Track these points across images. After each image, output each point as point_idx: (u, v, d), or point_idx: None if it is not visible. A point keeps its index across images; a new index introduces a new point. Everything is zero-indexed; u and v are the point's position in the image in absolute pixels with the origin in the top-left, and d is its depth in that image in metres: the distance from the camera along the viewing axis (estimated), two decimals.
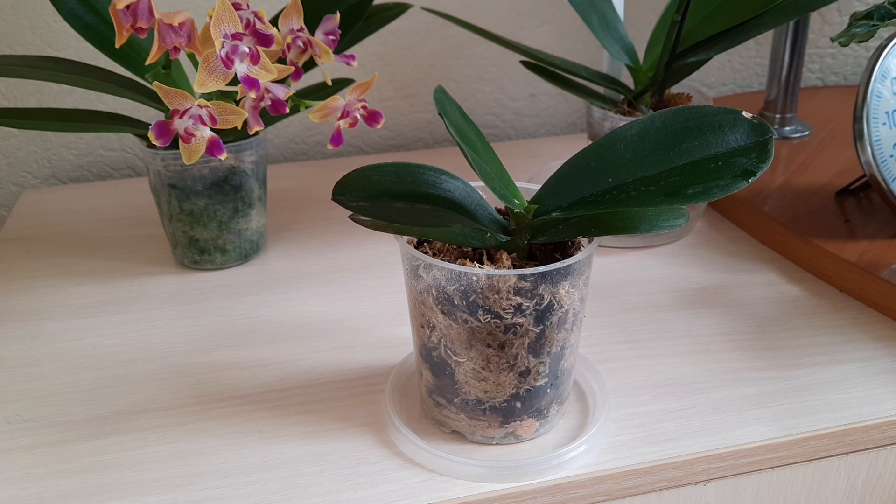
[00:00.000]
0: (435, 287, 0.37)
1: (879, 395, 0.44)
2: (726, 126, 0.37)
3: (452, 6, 0.82)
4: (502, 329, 0.36)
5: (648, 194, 0.36)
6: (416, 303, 0.39)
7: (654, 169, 0.37)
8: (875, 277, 0.52)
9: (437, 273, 0.36)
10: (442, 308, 0.37)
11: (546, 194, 0.39)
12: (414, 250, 0.37)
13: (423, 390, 0.42)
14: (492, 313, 0.36)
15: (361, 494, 0.38)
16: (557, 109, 0.90)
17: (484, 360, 0.37)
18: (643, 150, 0.38)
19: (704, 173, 0.36)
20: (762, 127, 0.36)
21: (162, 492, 0.38)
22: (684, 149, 0.37)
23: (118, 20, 0.45)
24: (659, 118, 0.38)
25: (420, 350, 0.40)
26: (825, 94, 0.88)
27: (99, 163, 0.81)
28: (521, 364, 0.37)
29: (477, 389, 0.38)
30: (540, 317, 0.36)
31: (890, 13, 0.54)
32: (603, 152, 0.39)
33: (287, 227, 0.66)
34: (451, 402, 0.39)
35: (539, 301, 0.36)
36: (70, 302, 0.55)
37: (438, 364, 0.39)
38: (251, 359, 0.49)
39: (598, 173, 0.38)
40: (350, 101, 0.51)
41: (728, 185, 0.34)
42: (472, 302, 0.36)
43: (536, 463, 0.39)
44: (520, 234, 0.38)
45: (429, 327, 0.38)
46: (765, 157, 0.35)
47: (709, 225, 0.65)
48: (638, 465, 0.40)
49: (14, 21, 0.75)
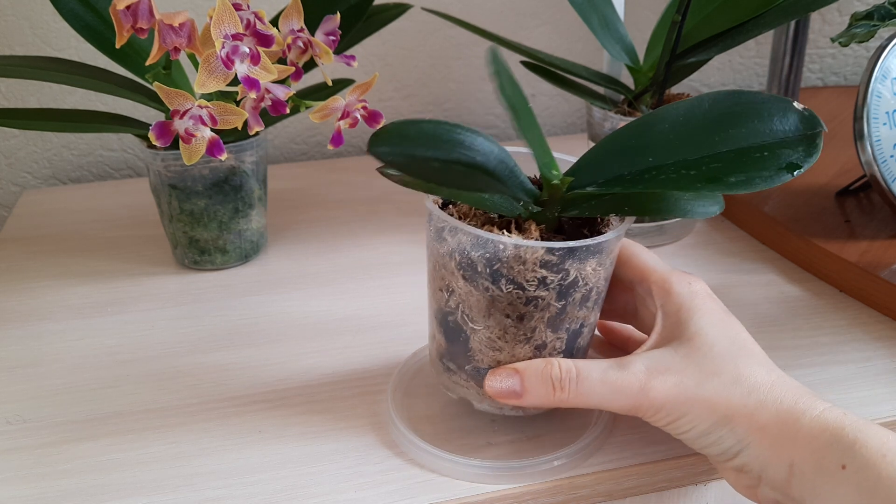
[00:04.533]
0: (459, 251, 0.36)
1: (880, 395, 0.44)
2: (775, 115, 0.36)
3: (452, 6, 0.82)
4: (523, 301, 0.36)
5: (689, 178, 0.35)
6: (437, 265, 0.38)
7: (696, 153, 0.36)
8: (875, 277, 0.52)
9: (462, 238, 0.36)
10: (464, 273, 0.36)
11: (582, 168, 0.38)
12: (442, 212, 0.36)
13: (433, 353, 0.41)
14: (515, 284, 0.35)
15: (362, 495, 0.38)
16: (557, 109, 0.90)
17: (501, 329, 0.36)
18: (687, 132, 0.37)
19: (748, 162, 0.35)
20: (812, 119, 0.35)
21: (162, 492, 0.38)
22: (730, 135, 0.36)
23: (118, 20, 0.45)
24: (707, 99, 0.37)
25: (435, 313, 0.39)
26: (825, 94, 0.88)
27: (99, 163, 0.81)
28: (538, 338, 0.37)
29: (490, 359, 0.37)
30: (563, 292, 0.36)
31: (890, 13, 0.54)
32: (645, 131, 0.38)
33: (287, 227, 0.66)
34: (462, 368, 0.39)
35: (564, 276, 0.35)
36: (70, 302, 0.55)
37: (453, 329, 0.38)
38: (251, 359, 0.49)
39: (637, 152, 0.37)
40: (350, 101, 0.51)
41: (772, 178, 0.34)
42: (495, 270, 0.35)
43: (538, 464, 0.39)
44: (551, 205, 0.37)
45: (447, 291, 0.37)
46: (812, 152, 0.34)
47: (709, 225, 0.65)
48: (638, 465, 0.40)
49: (14, 21, 0.75)
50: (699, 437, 0.35)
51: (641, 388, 0.35)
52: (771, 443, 0.34)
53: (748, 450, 0.34)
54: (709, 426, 0.35)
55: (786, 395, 0.34)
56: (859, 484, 0.31)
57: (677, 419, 0.35)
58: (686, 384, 0.35)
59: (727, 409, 0.34)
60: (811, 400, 0.34)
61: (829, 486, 0.32)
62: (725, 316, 0.38)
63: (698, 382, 0.35)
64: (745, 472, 0.35)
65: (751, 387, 0.35)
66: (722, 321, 0.37)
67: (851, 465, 0.31)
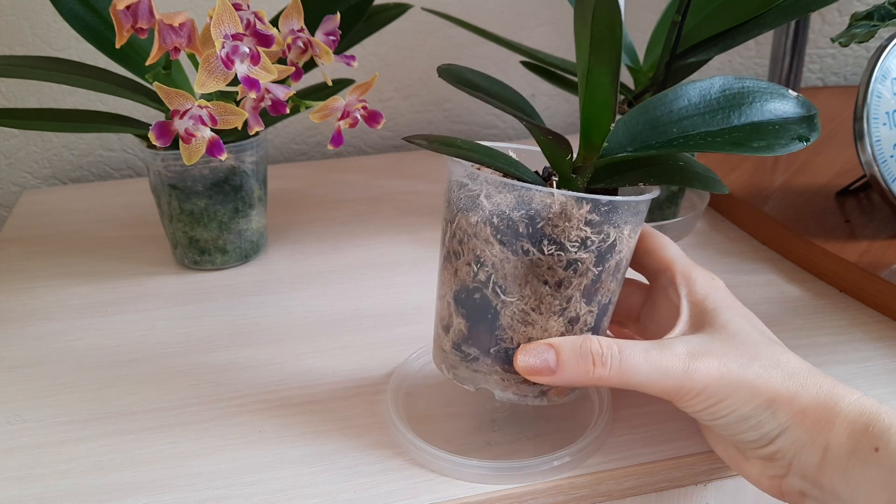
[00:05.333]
0: (497, 214, 0.36)
1: (880, 395, 0.44)
2: (777, 98, 0.40)
3: (452, 6, 0.82)
4: (563, 264, 0.36)
5: (715, 143, 0.38)
6: (467, 237, 0.37)
7: (716, 126, 0.39)
8: (875, 277, 0.52)
9: (502, 199, 0.35)
10: (502, 238, 0.36)
11: (612, 137, 0.40)
12: (482, 172, 0.36)
13: (446, 345, 0.40)
14: (557, 244, 0.35)
15: (362, 495, 0.38)
16: (557, 109, 0.90)
17: (537, 299, 0.36)
18: (705, 108, 0.40)
19: (765, 133, 0.38)
20: (807, 103, 0.40)
21: (162, 492, 0.38)
22: (743, 111, 0.40)
23: (118, 21, 0.45)
24: (717, 82, 0.41)
25: (456, 295, 0.38)
26: (825, 95, 0.88)
27: (99, 163, 0.81)
28: (573, 309, 0.37)
29: (520, 335, 0.37)
30: (601, 256, 0.36)
31: (890, 13, 0.54)
32: (667, 104, 0.40)
33: (287, 227, 0.66)
34: (487, 351, 0.38)
35: (605, 238, 0.36)
36: (70, 302, 0.55)
37: (479, 307, 0.37)
38: (251, 359, 0.49)
39: (662, 123, 0.40)
40: (350, 101, 0.51)
41: (787, 145, 0.37)
42: (539, 230, 0.35)
43: (538, 464, 0.38)
44: (584, 172, 0.39)
45: (477, 264, 0.37)
46: (814, 128, 0.38)
47: (709, 225, 0.65)
48: (638, 465, 0.40)
49: (14, 21, 0.75)
50: (737, 421, 0.35)
51: (685, 369, 0.35)
52: (810, 426, 0.34)
53: (786, 434, 0.34)
54: (750, 410, 0.35)
55: (824, 381, 0.35)
56: (891, 466, 0.31)
57: (717, 403, 0.35)
58: (730, 367, 0.35)
59: (770, 392, 0.34)
60: (846, 387, 0.35)
61: (860, 469, 0.32)
62: (747, 311, 0.39)
63: (741, 365, 0.35)
64: (775, 461, 0.35)
65: (791, 371, 0.35)
66: (746, 315, 0.38)
67: (885, 448, 0.32)
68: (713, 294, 0.38)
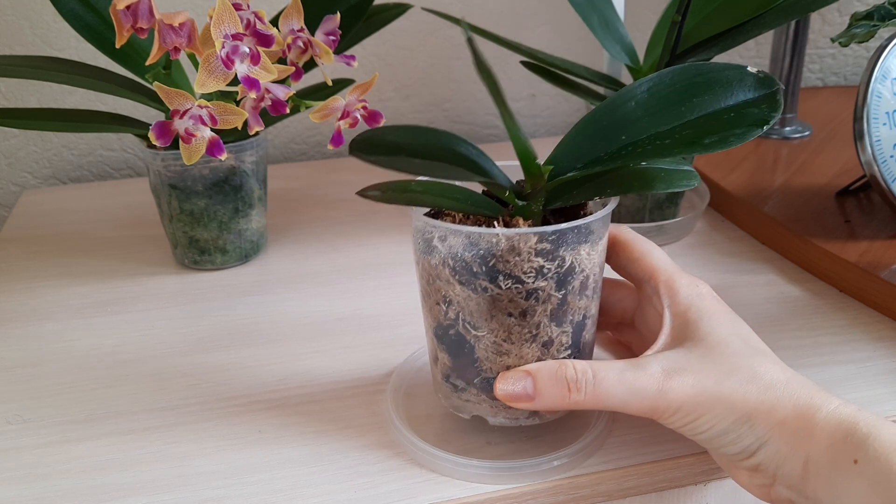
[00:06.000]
0: (451, 256, 0.36)
1: (880, 395, 0.44)
2: (734, 80, 0.37)
3: (452, 6, 0.82)
4: (523, 295, 0.35)
5: (665, 147, 0.36)
6: (431, 278, 0.37)
7: (667, 124, 0.37)
8: (875, 277, 0.52)
9: (453, 241, 0.35)
10: (459, 278, 0.36)
11: (560, 156, 0.39)
12: (430, 219, 0.36)
13: (438, 377, 0.40)
14: (513, 278, 0.35)
15: (361, 495, 0.38)
16: (557, 109, 0.90)
17: (505, 331, 0.36)
18: (654, 107, 0.38)
19: (719, 124, 0.36)
20: (769, 80, 0.37)
21: (162, 492, 0.38)
22: (695, 103, 0.37)
23: (118, 20, 0.45)
24: (667, 75, 0.38)
25: (435, 331, 0.39)
26: (825, 95, 0.89)
27: (99, 163, 0.81)
28: (544, 334, 0.37)
29: (498, 365, 0.37)
30: (562, 281, 0.36)
31: (890, 13, 0.54)
32: (614, 110, 0.38)
33: (287, 227, 0.66)
34: (472, 382, 0.38)
35: (560, 263, 0.35)
36: (70, 302, 0.55)
37: (456, 342, 0.38)
38: (251, 359, 0.49)
39: (610, 131, 0.38)
40: (350, 101, 0.51)
41: (744, 133, 0.35)
42: (491, 267, 0.35)
43: (538, 464, 0.38)
44: (535, 197, 0.38)
45: (445, 303, 0.37)
46: (775, 107, 0.36)
47: (709, 225, 0.65)
48: (638, 465, 0.40)
49: (14, 21, 0.75)
50: (717, 436, 0.35)
51: (659, 389, 0.35)
52: (788, 439, 0.34)
53: (766, 446, 0.34)
54: (728, 425, 0.34)
55: (801, 391, 0.34)
56: (872, 478, 0.31)
57: (696, 419, 0.35)
58: (704, 384, 0.35)
59: (746, 407, 0.34)
60: (825, 396, 0.34)
61: (842, 480, 0.32)
62: (733, 317, 0.38)
63: (716, 381, 0.35)
64: (760, 472, 0.35)
65: (767, 383, 0.35)
66: (730, 322, 0.37)
67: (863, 459, 0.31)
68: (696, 303, 0.38)
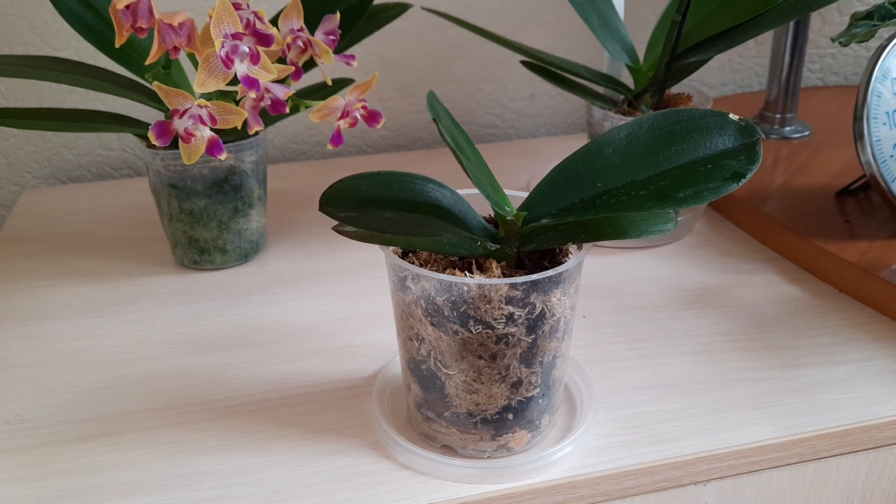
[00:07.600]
0: (424, 298, 0.36)
1: (879, 395, 0.44)
2: (714, 129, 0.37)
3: (452, 6, 0.82)
4: (494, 339, 0.36)
5: (639, 199, 0.35)
6: (404, 315, 0.38)
7: (643, 173, 0.37)
8: (875, 277, 0.52)
9: (425, 284, 0.36)
10: (431, 320, 0.36)
11: (535, 201, 0.39)
12: (402, 261, 0.36)
13: (411, 405, 0.41)
14: (483, 324, 0.35)
15: (361, 495, 0.38)
16: (557, 109, 0.90)
17: (475, 371, 0.37)
18: (632, 155, 0.38)
19: (694, 176, 0.35)
20: (749, 129, 0.36)
21: (162, 492, 0.38)
22: (673, 152, 0.37)
23: (118, 20, 0.45)
24: (647, 122, 0.38)
25: (408, 363, 0.39)
26: (825, 94, 0.88)
27: (99, 163, 0.81)
28: (514, 375, 0.37)
29: (468, 402, 0.38)
30: (532, 326, 0.36)
31: (890, 13, 0.54)
32: (591, 157, 0.38)
33: (287, 227, 0.66)
34: (441, 415, 0.39)
35: (531, 310, 0.35)
36: (70, 302, 0.55)
37: (428, 377, 0.38)
38: (251, 359, 0.49)
39: (587, 178, 0.38)
40: (350, 100, 0.51)
41: (719, 188, 0.34)
42: (462, 313, 0.35)
43: (523, 464, 0.38)
44: (509, 241, 0.38)
45: (417, 340, 0.38)
46: (753, 159, 0.35)
47: (709, 225, 0.65)
48: (638, 465, 0.40)
49: (14, 21, 0.75)
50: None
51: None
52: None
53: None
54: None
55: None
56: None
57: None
58: None
59: None
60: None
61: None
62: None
63: None
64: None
65: None
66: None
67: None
68: None
